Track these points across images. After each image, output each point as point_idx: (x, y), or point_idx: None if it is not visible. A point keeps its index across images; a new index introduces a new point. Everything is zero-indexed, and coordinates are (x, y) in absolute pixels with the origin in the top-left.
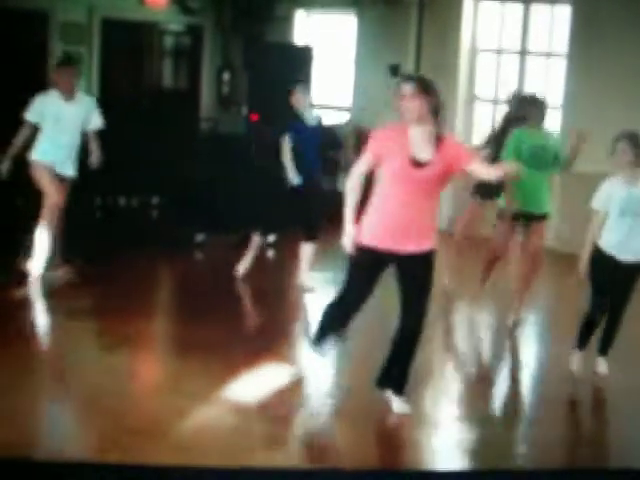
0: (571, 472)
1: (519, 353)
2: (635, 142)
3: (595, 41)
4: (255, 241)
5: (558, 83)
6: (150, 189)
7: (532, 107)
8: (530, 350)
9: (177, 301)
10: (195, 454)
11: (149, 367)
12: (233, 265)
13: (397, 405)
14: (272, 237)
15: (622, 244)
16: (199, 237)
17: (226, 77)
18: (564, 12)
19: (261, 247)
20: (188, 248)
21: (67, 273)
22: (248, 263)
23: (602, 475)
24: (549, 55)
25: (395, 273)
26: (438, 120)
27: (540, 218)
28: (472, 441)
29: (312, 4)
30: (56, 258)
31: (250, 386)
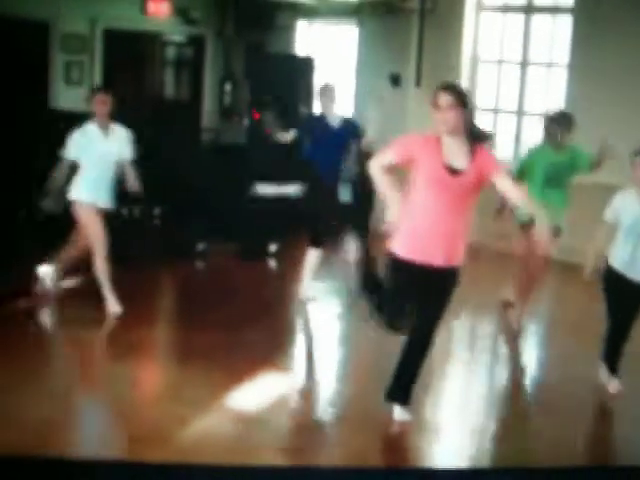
0: (570, 470)
1: (520, 359)
2: None
3: (596, 51)
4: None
5: (559, 93)
6: (152, 199)
7: (553, 123)
8: (531, 356)
9: (179, 310)
10: (196, 462)
11: (150, 375)
12: (234, 274)
13: (398, 413)
14: (274, 246)
15: (628, 264)
16: (200, 246)
17: (228, 87)
18: (565, 22)
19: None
20: (190, 257)
21: (74, 282)
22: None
23: (604, 472)
24: (550, 65)
25: (417, 281)
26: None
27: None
28: (473, 448)
29: (313, 14)
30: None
31: (251, 394)
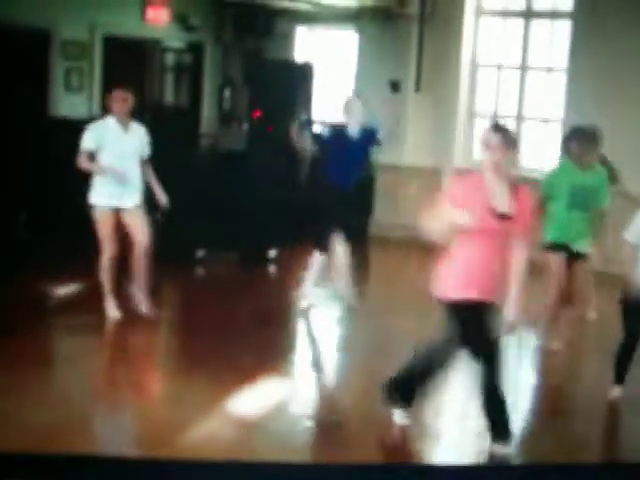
0: (567, 467)
1: (520, 367)
2: None
3: (595, 55)
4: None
5: (559, 98)
6: (151, 205)
7: (573, 141)
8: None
9: (178, 316)
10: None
11: (150, 380)
12: (234, 280)
13: (399, 417)
14: (273, 252)
15: None
16: (200, 253)
17: (227, 94)
18: (564, 27)
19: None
20: (189, 264)
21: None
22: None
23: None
24: (550, 70)
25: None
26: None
27: (578, 256)
28: (474, 453)
29: (313, 20)
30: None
31: (251, 400)
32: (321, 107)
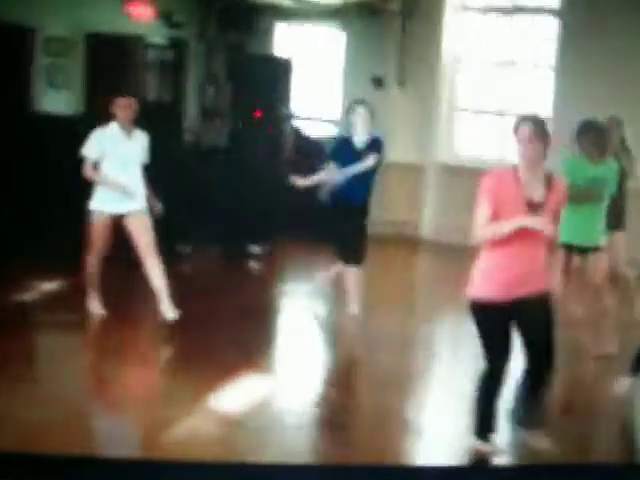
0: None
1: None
2: None
3: (584, 52)
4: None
5: (546, 94)
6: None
7: (582, 135)
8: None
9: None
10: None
11: (131, 376)
12: (217, 276)
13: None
14: (257, 249)
15: None
16: (184, 249)
17: (209, 89)
18: (548, 23)
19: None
20: (173, 260)
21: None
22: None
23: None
24: (535, 66)
25: (516, 323)
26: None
27: (593, 250)
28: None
29: (295, 16)
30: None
31: (233, 396)
32: (302, 102)
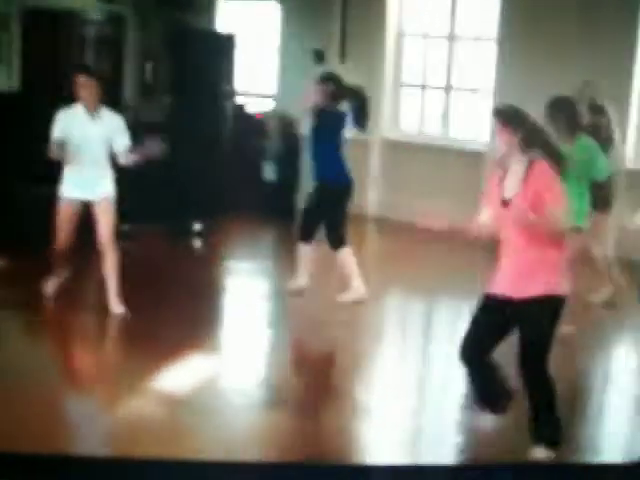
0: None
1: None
2: None
3: (526, 25)
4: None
5: (489, 68)
6: None
7: (554, 111)
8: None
9: (102, 292)
10: (124, 444)
11: (74, 357)
12: (159, 254)
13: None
14: (199, 226)
15: None
16: (124, 227)
17: (148, 66)
18: None
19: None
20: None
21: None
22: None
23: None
24: (478, 39)
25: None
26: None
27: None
28: (405, 429)
29: None
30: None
31: (177, 377)
32: (244, 78)
